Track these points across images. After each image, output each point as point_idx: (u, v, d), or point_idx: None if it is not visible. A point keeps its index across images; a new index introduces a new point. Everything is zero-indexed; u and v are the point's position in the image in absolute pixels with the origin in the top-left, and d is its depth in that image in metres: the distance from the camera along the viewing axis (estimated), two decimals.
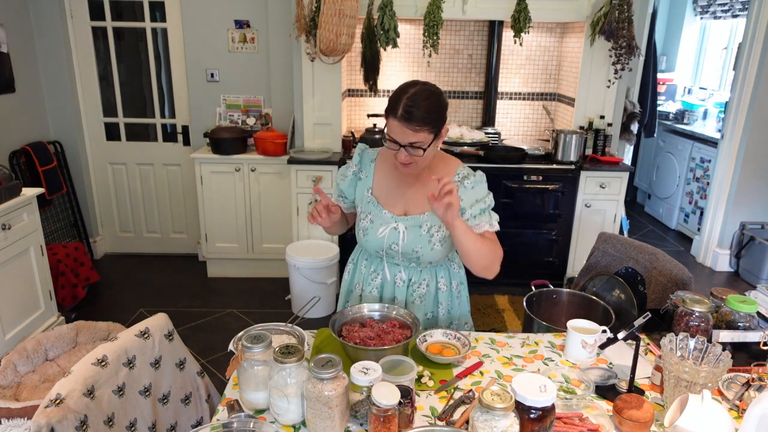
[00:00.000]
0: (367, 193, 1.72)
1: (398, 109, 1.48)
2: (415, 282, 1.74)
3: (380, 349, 1.40)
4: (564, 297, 1.94)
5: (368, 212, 1.70)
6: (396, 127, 1.50)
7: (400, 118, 1.48)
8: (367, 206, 1.71)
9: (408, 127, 1.48)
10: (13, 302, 2.85)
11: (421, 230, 1.65)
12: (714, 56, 5.75)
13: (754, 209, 4.21)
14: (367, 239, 1.70)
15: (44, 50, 3.86)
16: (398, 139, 1.51)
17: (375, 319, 1.58)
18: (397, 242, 1.66)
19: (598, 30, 3.44)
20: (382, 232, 1.67)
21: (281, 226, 3.93)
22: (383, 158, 1.72)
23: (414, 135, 1.49)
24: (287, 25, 3.65)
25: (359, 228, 1.72)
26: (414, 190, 1.68)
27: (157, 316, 1.56)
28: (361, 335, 1.48)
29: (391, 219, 1.67)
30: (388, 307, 1.61)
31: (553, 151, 3.64)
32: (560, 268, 3.79)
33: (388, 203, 1.70)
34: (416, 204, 1.68)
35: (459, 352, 1.54)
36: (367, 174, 1.72)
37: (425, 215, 1.66)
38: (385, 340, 1.47)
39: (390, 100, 1.53)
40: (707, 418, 1.12)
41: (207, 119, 4.08)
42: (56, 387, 1.22)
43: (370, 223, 1.69)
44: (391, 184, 1.70)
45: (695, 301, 1.52)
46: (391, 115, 1.51)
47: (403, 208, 1.69)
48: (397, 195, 1.69)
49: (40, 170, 3.68)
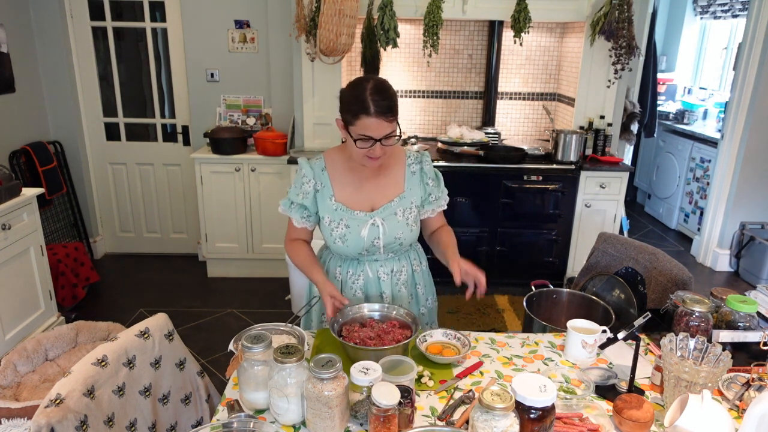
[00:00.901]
0: (331, 202, 1.69)
1: (369, 106, 1.49)
2: (396, 271, 1.77)
3: (380, 349, 1.40)
4: (564, 297, 1.94)
5: (339, 219, 1.68)
6: (372, 123, 1.50)
7: (376, 114, 1.49)
8: (336, 214, 1.69)
9: (385, 120, 1.51)
10: (13, 302, 2.85)
11: (396, 217, 1.69)
12: (714, 56, 5.75)
13: (754, 209, 4.21)
14: (347, 245, 1.69)
15: (44, 50, 3.86)
16: (375, 135, 1.52)
17: (375, 319, 1.58)
18: (378, 236, 1.68)
19: (598, 30, 3.44)
20: (363, 231, 1.67)
21: (281, 226, 3.92)
22: (332, 163, 1.71)
23: (389, 126, 1.53)
24: (287, 25, 3.65)
25: (334, 237, 1.69)
26: (372, 183, 1.71)
27: (157, 316, 1.56)
28: (361, 335, 1.48)
29: (366, 217, 1.68)
30: (388, 307, 1.61)
31: (553, 151, 3.63)
32: (560, 268, 3.79)
33: (355, 204, 1.69)
34: (380, 195, 1.71)
35: (459, 352, 1.54)
36: (323, 183, 1.70)
37: (394, 202, 1.70)
38: (385, 340, 1.47)
39: (349, 101, 1.53)
40: (707, 418, 1.12)
41: (207, 119, 4.08)
42: (56, 387, 1.22)
43: (346, 229, 1.68)
44: (350, 185, 1.70)
45: (695, 301, 1.52)
46: (362, 113, 1.50)
47: (369, 203, 1.70)
48: (360, 193, 1.70)
49: (40, 170, 3.68)
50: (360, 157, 1.58)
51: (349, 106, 1.53)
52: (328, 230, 1.70)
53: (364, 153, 1.56)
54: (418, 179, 1.74)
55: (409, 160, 1.74)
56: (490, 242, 3.69)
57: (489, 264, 3.74)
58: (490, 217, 3.66)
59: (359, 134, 1.53)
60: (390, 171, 1.72)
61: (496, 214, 3.64)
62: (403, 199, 1.71)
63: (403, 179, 1.73)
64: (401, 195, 1.71)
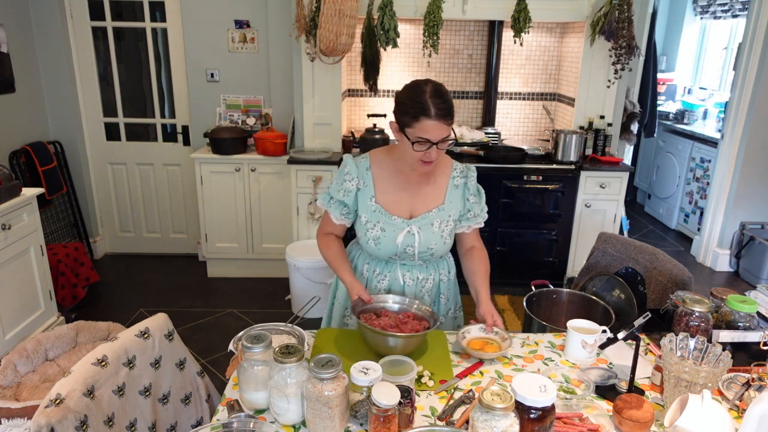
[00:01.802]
0: (370, 202, 1.69)
1: (430, 109, 1.49)
2: (423, 279, 1.78)
3: (407, 336, 1.43)
4: (564, 297, 1.94)
5: (376, 221, 1.68)
6: (432, 126, 1.50)
7: (436, 117, 1.49)
8: (374, 215, 1.69)
9: (445, 123, 1.51)
10: (13, 302, 2.85)
11: (433, 228, 1.69)
12: (714, 56, 5.75)
13: (754, 209, 4.21)
14: (379, 247, 1.70)
15: (44, 50, 3.86)
16: (433, 138, 1.52)
17: (393, 310, 1.61)
18: (412, 244, 1.68)
19: (598, 30, 3.44)
20: (399, 238, 1.67)
21: (281, 226, 3.93)
22: (378, 164, 1.71)
23: (447, 129, 1.53)
24: (287, 25, 3.65)
25: (368, 237, 1.70)
26: (414, 190, 1.70)
27: (157, 316, 1.56)
28: (381, 323, 1.50)
29: (403, 223, 1.68)
30: (409, 301, 1.63)
31: (553, 151, 3.63)
32: (560, 268, 3.79)
33: (394, 209, 1.69)
34: (421, 203, 1.70)
35: (500, 347, 1.57)
36: (365, 183, 1.69)
37: (432, 212, 1.70)
38: (404, 329, 1.48)
39: (408, 103, 1.52)
40: (707, 418, 1.12)
41: (207, 119, 4.08)
42: (56, 387, 1.22)
43: (381, 232, 1.68)
44: (392, 189, 1.70)
45: (695, 301, 1.52)
46: (422, 115, 1.50)
47: (408, 210, 1.70)
48: (402, 198, 1.70)
49: (40, 170, 3.68)
50: (414, 160, 1.57)
51: (408, 108, 1.53)
52: (363, 229, 1.71)
53: (420, 156, 1.55)
54: (460, 193, 1.74)
55: (454, 173, 1.74)
56: (490, 242, 3.69)
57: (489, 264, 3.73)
58: (490, 217, 3.58)
59: (418, 137, 1.52)
60: (434, 180, 1.72)
61: (496, 214, 3.64)
62: (442, 211, 1.71)
63: (445, 191, 1.72)
64: (440, 207, 1.71)
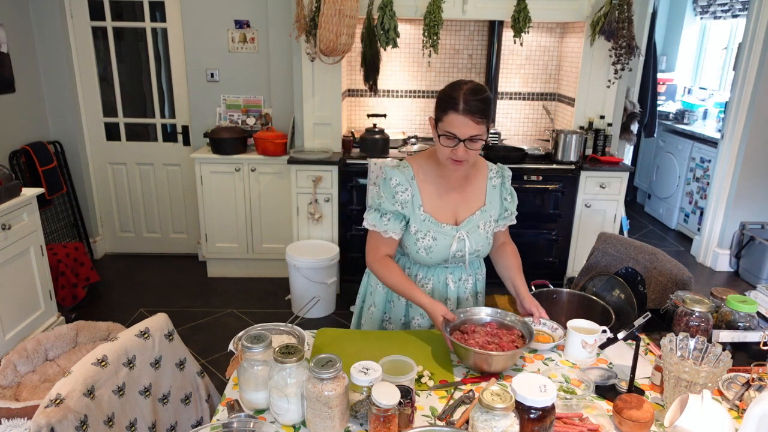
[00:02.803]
0: (419, 212, 1.66)
1: (459, 103, 1.48)
2: (464, 279, 1.80)
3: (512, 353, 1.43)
4: (564, 297, 1.93)
5: (427, 231, 1.66)
6: (458, 120, 1.49)
7: (463, 111, 1.48)
8: (424, 225, 1.66)
9: (472, 120, 1.49)
10: (13, 302, 2.85)
11: (479, 230, 1.70)
12: (714, 56, 5.75)
13: (754, 209, 4.21)
14: (431, 256, 1.68)
15: (44, 50, 3.86)
16: (459, 134, 1.50)
17: (479, 324, 1.60)
18: (462, 250, 1.68)
19: (598, 30, 3.44)
20: (453, 245, 1.67)
21: (281, 226, 3.93)
22: (419, 171, 1.68)
23: (476, 128, 1.50)
24: (287, 25, 3.65)
25: (418, 247, 1.67)
26: (458, 193, 1.70)
27: (157, 316, 1.56)
28: (478, 342, 1.49)
29: (452, 230, 1.67)
30: (490, 312, 1.62)
31: (553, 151, 3.63)
32: (560, 268, 3.79)
33: (442, 216, 1.68)
34: (464, 207, 1.70)
35: (553, 338, 1.60)
36: (413, 192, 1.66)
37: (476, 215, 1.71)
38: (502, 343, 1.48)
39: (443, 97, 1.54)
40: (707, 418, 1.12)
41: (207, 119, 4.08)
42: (56, 387, 1.22)
43: (432, 241, 1.66)
44: (436, 195, 1.68)
45: (695, 301, 1.52)
46: (451, 109, 1.49)
47: (453, 215, 1.70)
48: (446, 205, 1.69)
49: (40, 170, 3.68)
50: (445, 158, 1.57)
51: (441, 103, 1.54)
52: (412, 239, 1.67)
53: (448, 153, 1.54)
54: (498, 193, 1.75)
55: (491, 173, 1.75)
56: None
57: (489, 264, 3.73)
58: None
59: (445, 130, 1.52)
60: (474, 182, 1.72)
61: None
62: (485, 212, 1.72)
63: (484, 192, 1.73)
64: (483, 208, 1.71)
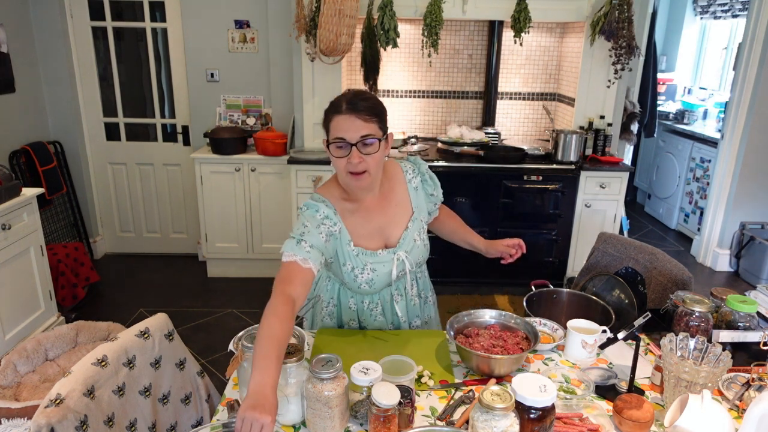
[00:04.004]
0: (350, 248, 1.55)
1: (341, 105, 1.42)
2: (408, 288, 1.72)
3: (517, 356, 1.42)
4: (564, 297, 1.93)
5: (363, 265, 1.56)
6: (344, 120, 1.41)
7: (347, 110, 1.41)
8: (358, 260, 1.56)
9: (358, 117, 1.41)
10: (13, 302, 2.85)
11: (416, 243, 1.64)
12: (714, 56, 5.75)
13: (754, 209, 4.21)
14: (374, 287, 1.60)
15: (44, 50, 3.86)
16: (347, 136, 1.41)
17: (480, 326, 1.58)
18: (404, 269, 1.61)
19: (598, 30, 3.44)
20: (393, 271, 1.59)
21: (281, 226, 3.93)
22: (341, 205, 1.55)
23: (365, 126, 1.41)
24: (287, 25, 3.65)
25: (359, 283, 1.58)
26: (380, 217, 1.60)
27: (157, 316, 1.56)
28: (484, 344, 1.48)
29: (389, 255, 1.59)
30: (495, 314, 1.60)
31: (553, 151, 3.63)
32: (560, 268, 3.79)
33: (373, 245, 1.59)
34: (393, 228, 1.61)
35: (553, 338, 1.60)
36: (339, 228, 1.53)
37: (409, 228, 1.63)
38: (507, 345, 1.47)
39: (327, 107, 1.47)
40: (707, 418, 1.12)
41: (207, 119, 4.08)
42: (56, 387, 1.22)
43: (372, 273, 1.57)
44: (362, 226, 1.57)
45: (695, 301, 1.52)
46: (334, 113, 1.43)
47: (382, 239, 1.61)
48: (373, 232, 1.59)
49: (40, 170, 3.68)
50: (344, 174, 1.46)
51: (326, 113, 1.46)
52: (350, 276, 1.57)
53: (343, 166, 1.44)
54: (423, 192, 1.68)
55: (408, 176, 1.66)
56: None
57: (489, 264, 3.71)
58: (490, 217, 3.66)
59: (334, 137, 1.42)
60: (393, 195, 1.62)
61: (496, 214, 3.64)
62: (415, 220, 1.64)
63: (408, 200, 1.65)
64: (412, 218, 1.63)
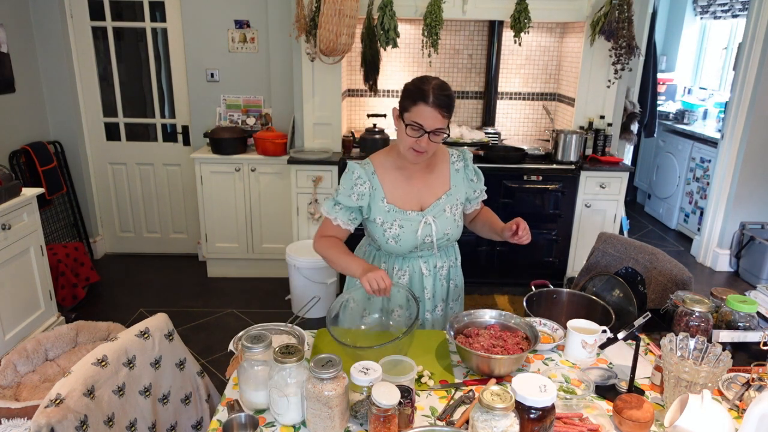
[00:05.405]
0: (383, 204, 1.72)
1: (429, 96, 1.55)
2: (439, 267, 1.83)
3: (518, 356, 1.42)
4: (564, 297, 1.93)
5: (392, 221, 1.72)
6: (427, 112, 1.55)
7: (433, 104, 1.55)
8: (389, 215, 1.72)
9: (440, 113, 1.56)
10: (13, 302, 2.85)
11: (446, 214, 1.75)
12: (714, 56, 5.75)
13: (754, 209, 4.21)
14: (400, 244, 1.73)
15: (44, 50, 3.86)
16: (426, 125, 1.56)
17: (480, 326, 1.59)
18: (430, 234, 1.73)
19: (598, 30, 3.44)
20: (419, 230, 1.71)
21: (281, 226, 3.93)
22: (380, 166, 1.75)
23: (442, 121, 1.58)
24: (287, 25, 3.65)
25: (387, 237, 1.73)
26: (420, 181, 1.76)
27: (157, 316, 1.56)
28: (483, 344, 1.48)
29: (418, 216, 1.72)
30: (504, 315, 1.61)
31: (553, 151, 3.63)
32: (560, 268, 3.79)
33: (406, 204, 1.74)
34: (429, 193, 1.76)
35: (553, 338, 1.60)
36: (374, 186, 1.73)
37: (442, 199, 1.76)
38: (507, 346, 1.48)
39: (410, 90, 1.59)
40: (707, 418, 1.12)
41: (207, 119, 4.08)
42: (56, 387, 1.22)
43: (400, 229, 1.72)
44: (400, 186, 1.74)
45: (695, 301, 1.52)
46: (420, 101, 1.55)
47: (417, 203, 1.75)
48: (409, 194, 1.75)
49: (40, 170, 3.68)
50: (406, 148, 1.62)
51: (410, 94, 1.58)
52: (380, 231, 1.73)
53: (411, 144, 1.60)
54: (462, 176, 1.80)
55: (452, 158, 1.80)
56: (490, 242, 3.69)
57: (489, 264, 3.74)
58: None
59: (412, 120, 1.57)
60: (436, 169, 1.78)
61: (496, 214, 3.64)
62: (450, 196, 1.77)
63: (448, 177, 1.79)
64: (448, 192, 1.77)
